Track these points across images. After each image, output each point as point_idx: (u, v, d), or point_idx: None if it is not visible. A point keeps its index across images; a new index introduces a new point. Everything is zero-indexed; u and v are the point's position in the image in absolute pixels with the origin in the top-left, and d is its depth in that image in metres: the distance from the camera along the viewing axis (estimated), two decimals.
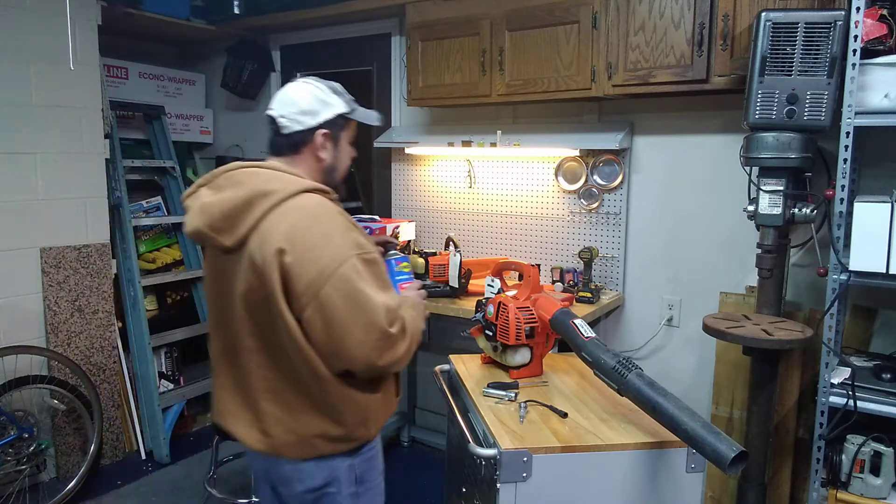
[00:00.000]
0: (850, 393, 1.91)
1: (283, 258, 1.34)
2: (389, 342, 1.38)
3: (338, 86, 1.57)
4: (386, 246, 1.80)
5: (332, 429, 1.47)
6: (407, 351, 1.44)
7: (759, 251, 2.14)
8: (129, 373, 3.33)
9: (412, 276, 1.80)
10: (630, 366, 1.48)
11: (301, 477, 1.53)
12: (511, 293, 1.92)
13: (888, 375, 2.00)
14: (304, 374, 1.42)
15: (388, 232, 3.09)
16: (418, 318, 1.52)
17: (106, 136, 3.20)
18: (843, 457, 1.99)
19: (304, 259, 1.33)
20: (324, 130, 1.49)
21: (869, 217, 1.84)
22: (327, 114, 1.49)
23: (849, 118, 1.87)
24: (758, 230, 2.14)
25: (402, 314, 1.44)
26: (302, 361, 1.40)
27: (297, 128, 1.48)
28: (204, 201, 1.45)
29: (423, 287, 1.73)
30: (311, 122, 1.48)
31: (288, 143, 1.50)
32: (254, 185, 1.41)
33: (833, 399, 1.95)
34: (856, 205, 1.86)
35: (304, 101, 1.49)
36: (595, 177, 2.85)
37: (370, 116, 1.62)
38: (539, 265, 2.89)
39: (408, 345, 1.44)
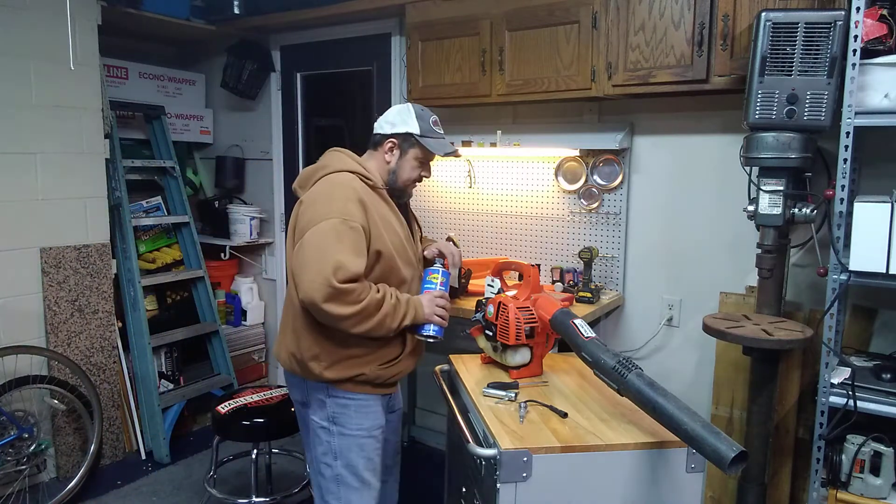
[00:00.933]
0: (850, 393, 1.91)
1: (299, 208, 1.80)
2: (335, 293, 1.64)
3: (427, 114, 1.92)
4: (436, 257, 2.00)
5: (295, 351, 1.84)
6: (352, 317, 1.68)
7: (759, 251, 2.14)
8: (129, 373, 3.33)
9: (439, 287, 1.89)
10: (630, 366, 1.48)
11: (290, 385, 1.99)
12: (511, 293, 1.92)
13: (888, 375, 2.00)
14: (290, 299, 1.85)
15: None
16: (397, 308, 1.77)
17: (106, 136, 3.20)
18: (843, 457, 1.99)
19: (306, 210, 1.76)
20: (393, 139, 1.88)
21: (869, 217, 1.84)
22: (401, 128, 1.88)
23: (849, 118, 1.87)
24: (758, 230, 2.14)
25: (367, 285, 1.72)
26: (290, 288, 1.83)
27: (379, 130, 1.92)
28: (303, 169, 1.94)
29: (443, 297, 1.90)
30: (388, 130, 1.89)
31: (373, 140, 1.94)
32: (323, 161, 1.89)
33: (833, 399, 1.95)
34: (856, 205, 1.86)
35: (391, 113, 1.92)
36: (595, 177, 2.85)
37: (435, 146, 1.90)
38: (539, 265, 2.89)
39: (356, 311, 1.68)
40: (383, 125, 1.91)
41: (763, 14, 1.95)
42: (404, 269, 1.86)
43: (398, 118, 1.89)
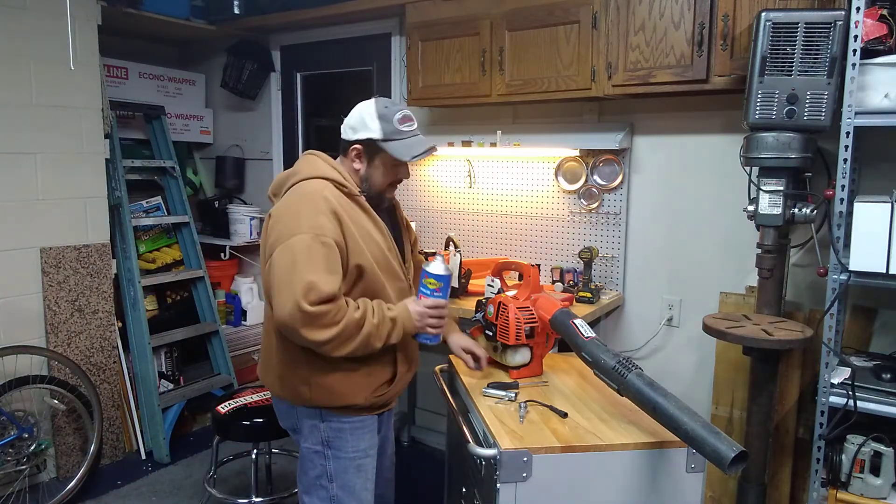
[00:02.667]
0: (850, 393, 1.91)
1: (268, 222, 1.65)
2: (308, 318, 1.52)
3: (391, 111, 1.70)
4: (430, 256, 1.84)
5: (284, 375, 1.74)
6: (330, 341, 1.55)
7: (759, 251, 2.14)
8: (129, 373, 3.33)
9: (436, 293, 1.70)
10: (630, 366, 1.48)
11: (279, 412, 1.87)
12: (511, 293, 1.92)
13: (888, 375, 2.00)
14: (269, 320, 1.74)
15: None
16: (380, 327, 1.62)
17: (106, 136, 3.20)
18: (843, 457, 1.99)
19: (275, 225, 1.62)
20: (357, 146, 1.72)
21: (869, 217, 1.84)
22: (363, 135, 1.70)
23: (849, 118, 1.87)
24: (758, 230, 2.14)
25: (343, 304, 1.57)
26: (267, 307, 1.70)
27: (344, 136, 1.75)
28: (277, 174, 1.81)
29: (437, 307, 1.70)
30: (351, 136, 1.73)
31: (340, 146, 1.78)
32: (296, 167, 1.74)
33: (833, 399, 1.95)
34: (856, 205, 1.86)
35: (353, 117, 1.73)
36: (595, 177, 2.85)
37: (401, 151, 1.70)
38: (539, 265, 2.89)
39: (333, 335, 1.55)
40: (346, 130, 1.74)
41: (763, 14, 1.95)
42: (389, 284, 1.73)
43: (359, 122, 1.71)
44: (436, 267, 1.70)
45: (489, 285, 2.30)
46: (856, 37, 1.84)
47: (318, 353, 1.62)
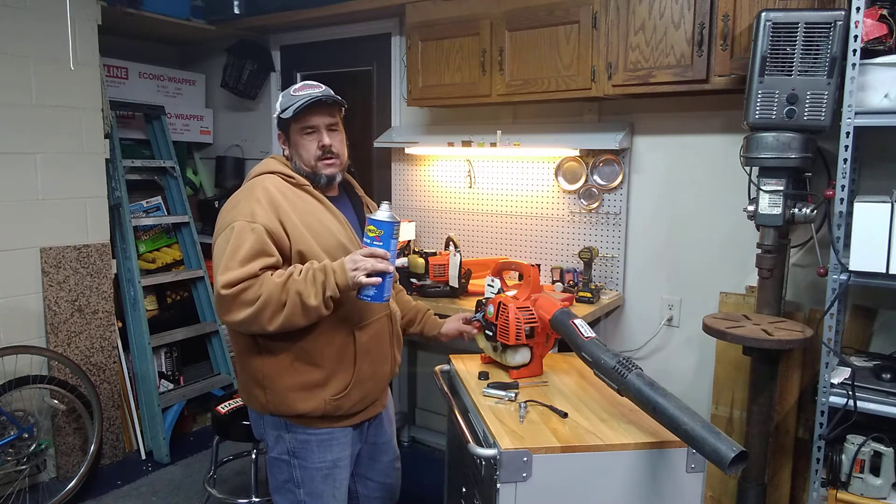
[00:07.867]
0: (850, 393, 1.91)
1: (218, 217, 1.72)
2: (221, 301, 1.54)
3: (291, 88, 1.78)
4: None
5: (245, 380, 1.76)
6: (257, 315, 1.51)
7: (759, 251, 2.14)
8: (129, 373, 3.33)
9: (375, 241, 1.55)
10: (630, 366, 1.48)
11: (251, 419, 1.87)
12: (511, 293, 1.92)
13: (888, 375, 2.00)
14: None
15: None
16: (307, 277, 1.52)
17: (106, 136, 3.20)
18: (843, 457, 1.99)
19: (218, 218, 1.71)
20: (279, 132, 1.82)
21: (869, 217, 1.84)
22: (275, 118, 1.80)
23: (849, 118, 1.87)
24: (758, 230, 2.14)
25: (263, 278, 1.53)
26: None
27: None
28: None
29: (373, 255, 1.54)
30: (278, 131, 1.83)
31: None
32: (253, 168, 1.81)
33: (833, 399, 1.96)
34: (856, 205, 1.86)
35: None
36: (595, 177, 2.85)
37: (292, 109, 1.71)
38: (539, 265, 2.89)
39: (256, 310, 1.51)
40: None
41: (763, 14, 1.95)
42: None
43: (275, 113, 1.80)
44: (378, 214, 1.57)
45: (489, 285, 2.29)
46: (856, 37, 1.84)
47: (276, 355, 1.65)
